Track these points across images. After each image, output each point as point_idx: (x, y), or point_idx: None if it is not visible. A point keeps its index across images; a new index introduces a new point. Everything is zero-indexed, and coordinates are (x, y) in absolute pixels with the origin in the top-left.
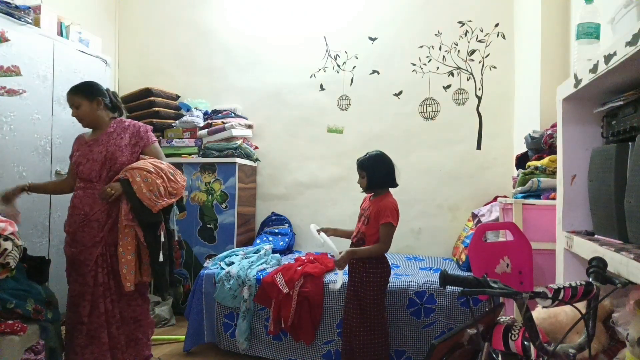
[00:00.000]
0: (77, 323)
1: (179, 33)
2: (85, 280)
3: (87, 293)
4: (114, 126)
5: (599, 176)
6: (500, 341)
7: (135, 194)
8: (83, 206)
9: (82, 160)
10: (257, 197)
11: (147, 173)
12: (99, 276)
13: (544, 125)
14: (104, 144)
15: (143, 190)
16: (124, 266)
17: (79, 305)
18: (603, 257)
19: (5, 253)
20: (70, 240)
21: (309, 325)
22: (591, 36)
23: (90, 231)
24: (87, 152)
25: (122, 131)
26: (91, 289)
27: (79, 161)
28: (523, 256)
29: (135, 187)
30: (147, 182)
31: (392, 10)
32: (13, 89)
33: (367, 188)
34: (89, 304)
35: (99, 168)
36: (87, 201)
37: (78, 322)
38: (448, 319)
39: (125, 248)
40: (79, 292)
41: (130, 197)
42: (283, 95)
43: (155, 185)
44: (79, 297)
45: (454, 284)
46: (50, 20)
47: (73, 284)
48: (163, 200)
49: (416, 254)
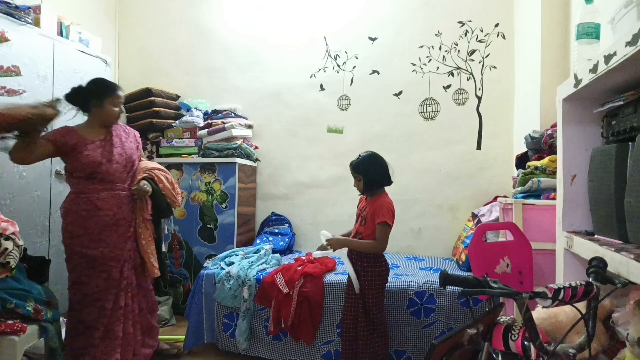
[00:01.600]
0: (100, 317)
1: (179, 33)
2: (111, 275)
3: (113, 287)
4: (117, 129)
5: (599, 176)
6: (500, 341)
7: (162, 192)
8: (111, 207)
9: (102, 161)
10: (257, 197)
11: (165, 173)
12: (125, 271)
13: (544, 125)
14: (120, 146)
15: (168, 187)
16: (150, 256)
17: (104, 300)
18: (603, 257)
19: (5, 253)
20: (91, 241)
21: (309, 325)
22: (591, 36)
23: (119, 229)
24: (103, 152)
25: (126, 135)
26: (117, 282)
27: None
28: (523, 256)
29: (162, 185)
30: (169, 181)
31: (392, 10)
32: (13, 89)
33: (364, 190)
34: (113, 298)
35: (122, 170)
36: (114, 202)
37: (101, 316)
38: (448, 319)
39: (147, 240)
40: (103, 288)
41: (157, 195)
42: (283, 95)
43: (172, 185)
44: (104, 292)
45: (454, 284)
46: (50, 20)
47: (95, 281)
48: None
49: (416, 254)
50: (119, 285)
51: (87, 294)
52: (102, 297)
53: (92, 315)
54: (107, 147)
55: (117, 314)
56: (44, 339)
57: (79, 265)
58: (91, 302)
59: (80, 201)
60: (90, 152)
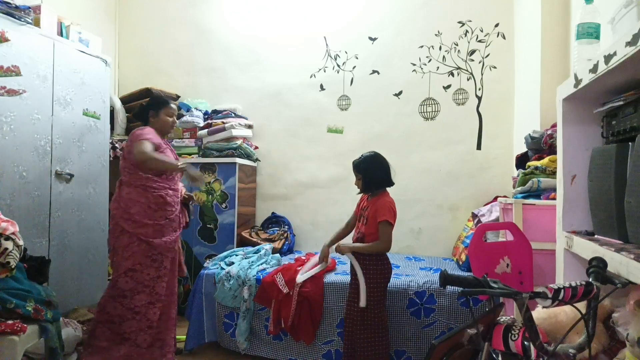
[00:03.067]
0: (155, 301)
1: (179, 33)
2: (163, 264)
3: (165, 275)
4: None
5: (599, 176)
6: (500, 341)
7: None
8: (175, 203)
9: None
10: (257, 197)
11: None
12: (174, 262)
13: (544, 125)
14: (173, 151)
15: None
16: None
17: (155, 287)
18: (603, 257)
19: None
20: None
21: (309, 325)
22: (591, 36)
23: (173, 224)
24: (171, 153)
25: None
26: (168, 271)
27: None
28: (523, 256)
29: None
30: None
31: (392, 10)
32: (13, 89)
33: (364, 189)
34: (164, 285)
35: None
36: (176, 199)
37: (156, 300)
38: (448, 319)
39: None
40: (155, 276)
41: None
42: (283, 95)
43: None
44: (156, 280)
45: (454, 284)
46: (50, 20)
47: (148, 269)
48: None
49: (416, 254)
50: (173, 273)
51: (140, 281)
52: (154, 284)
53: (142, 301)
54: (169, 150)
55: (172, 298)
56: (44, 339)
57: (137, 254)
58: (143, 289)
59: (148, 195)
60: (166, 152)
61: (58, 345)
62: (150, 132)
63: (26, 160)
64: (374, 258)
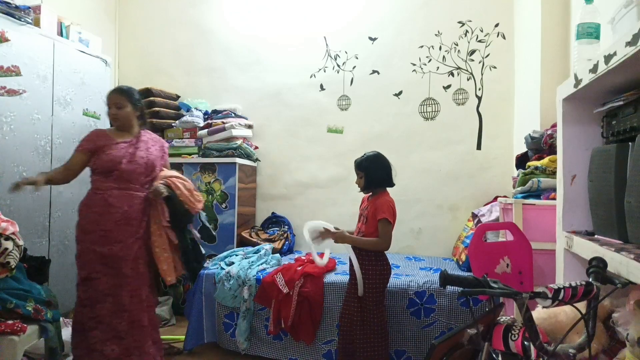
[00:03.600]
0: (119, 311)
1: (179, 33)
2: (123, 272)
3: (126, 284)
4: (146, 135)
5: (599, 176)
6: (500, 341)
7: (179, 197)
8: (122, 205)
9: (122, 160)
10: (257, 197)
11: (183, 181)
12: (140, 267)
13: (544, 125)
14: (144, 150)
15: (186, 194)
16: (164, 263)
17: (119, 295)
18: (603, 257)
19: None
20: (103, 238)
21: (309, 325)
22: (591, 36)
23: (129, 228)
24: (126, 153)
25: (154, 142)
26: (130, 279)
27: (115, 159)
28: (523, 256)
29: (179, 192)
30: (187, 188)
31: (392, 10)
32: (13, 89)
33: (364, 188)
34: (128, 293)
35: (141, 171)
36: (126, 200)
37: (120, 310)
38: (448, 319)
39: (161, 247)
40: (116, 284)
41: (173, 201)
42: (283, 95)
43: (191, 191)
44: (117, 287)
45: (454, 284)
46: (50, 20)
47: (106, 278)
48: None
49: (416, 254)
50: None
51: (99, 290)
52: (116, 292)
53: (104, 310)
54: (130, 149)
55: (141, 306)
56: (44, 339)
57: (90, 262)
58: (103, 298)
59: (95, 198)
60: (112, 152)
61: (58, 345)
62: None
63: (26, 160)
64: (373, 258)
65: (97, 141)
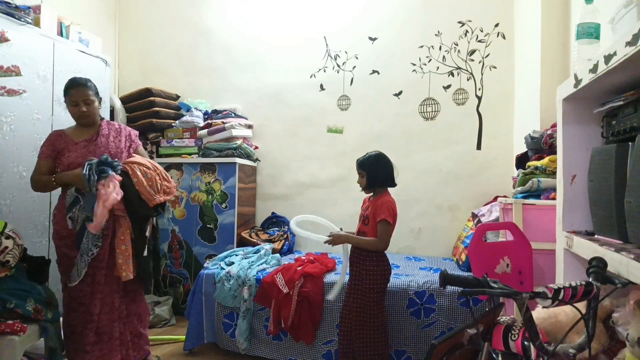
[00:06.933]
0: (88, 322)
1: (179, 33)
2: (95, 279)
3: (98, 291)
4: (106, 128)
5: (599, 176)
6: (500, 341)
7: (134, 186)
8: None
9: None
10: (257, 197)
11: (146, 169)
12: (110, 273)
13: (544, 125)
14: (104, 146)
15: (144, 183)
16: (119, 256)
17: (90, 305)
18: (603, 257)
19: (5, 251)
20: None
21: (309, 325)
22: (591, 36)
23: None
24: (85, 152)
25: (117, 134)
26: (102, 286)
27: (74, 163)
28: (523, 256)
29: (135, 179)
30: (147, 177)
31: (392, 10)
32: (13, 89)
33: (366, 187)
34: (99, 301)
35: None
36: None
37: (89, 321)
38: (448, 319)
39: (119, 239)
40: (88, 292)
41: (128, 189)
42: (283, 95)
43: (154, 181)
44: (88, 296)
45: (454, 284)
46: (50, 20)
47: (80, 284)
48: (160, 196)
49: (416, 254)
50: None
51: (73, 297)
52: (87, 301)
53: (76, 319)
54: (90, 147)
55: (112, 316)
56: (44, 339)
57: (67, 268)
58: (76, 307)
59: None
60: (71, 154)
61: (58, 345)
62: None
63: (26, 160)
64: (374, 258)
65: (56, 144)
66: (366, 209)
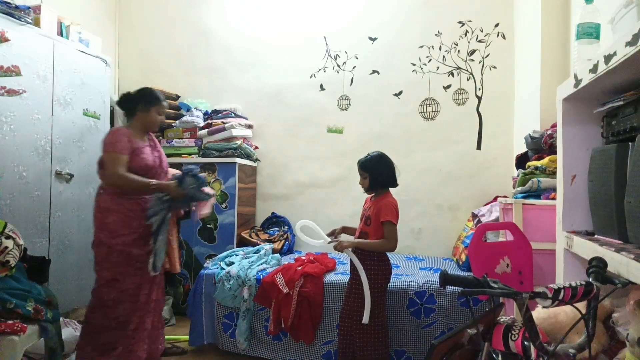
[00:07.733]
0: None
1: (179, 33)
2: (145, 271)
3: (146, 282)
4: (151, 136)
5: (599, 176)
6: (500, 341)
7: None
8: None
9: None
10: (257, 197)
11: None
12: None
13: (544, 125)
14: (159, 152)
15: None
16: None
17: (138, 295)
18: (603, 257)
19: (5, 251)
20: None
21: (309, 325)
22: (591, 36)
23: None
24: (154, 158)
25: (156, 142)
26: (149, 278)
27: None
28: (523, 256)
29: None
30: None
31: (392, 10)
32: (13, 89)
33: (369, 188)
34: (147, 292)
35: (162, 174)
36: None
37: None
38: (448, 319)
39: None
40: (139, 284)
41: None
42: (283, 95)
43: None
44: (139, 288)
45: (454, 284)
46: (50, 20)
47: (131, 277)
48: None
49: (416, 254)
50: (152, 280)
51: (123, 290)
52: (137, 292)
53: (127, 310)
54: (154, 152)
55: (148, 307)
56: (44, 339)
57: (117, 264)
58: (127, 298)
59: (124, 202)
60: (145, 156)
61: (58, 345)
62: (124, 136)
63: (26, 160)
64: (376, 258)
65: (132, 142)
66: (368, 209)
